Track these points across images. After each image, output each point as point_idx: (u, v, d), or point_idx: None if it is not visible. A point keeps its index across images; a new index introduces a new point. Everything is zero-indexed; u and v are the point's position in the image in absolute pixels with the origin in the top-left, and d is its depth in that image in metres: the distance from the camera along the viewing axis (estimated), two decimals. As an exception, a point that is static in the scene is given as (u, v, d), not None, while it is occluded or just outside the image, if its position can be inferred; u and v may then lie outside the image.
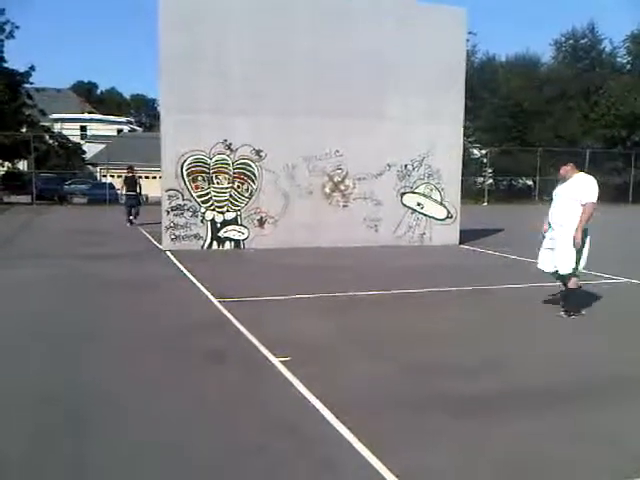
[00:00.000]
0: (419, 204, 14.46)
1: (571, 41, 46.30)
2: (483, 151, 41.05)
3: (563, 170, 7.11)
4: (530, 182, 39.69)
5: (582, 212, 6.72)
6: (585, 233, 6.83)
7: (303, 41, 13.20)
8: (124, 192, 20.05)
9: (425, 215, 14.50)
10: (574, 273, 6.93)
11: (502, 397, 4.50)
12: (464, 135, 15.88)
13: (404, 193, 14.32)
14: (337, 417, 3.99)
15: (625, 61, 45.80)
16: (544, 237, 7.22)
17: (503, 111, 41.41)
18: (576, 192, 6.84)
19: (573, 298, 7.13)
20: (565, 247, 6.83)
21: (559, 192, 7.12)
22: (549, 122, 40.91)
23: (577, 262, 6.84)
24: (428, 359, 5.39)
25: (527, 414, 4.18)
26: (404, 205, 14.34)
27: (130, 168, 20.20)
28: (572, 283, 7.02)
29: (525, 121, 41.71)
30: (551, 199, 7.33)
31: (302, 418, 4.07)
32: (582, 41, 45.95)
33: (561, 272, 6.96)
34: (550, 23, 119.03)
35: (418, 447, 3.67)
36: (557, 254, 6.93)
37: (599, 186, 6.94)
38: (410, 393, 4.56)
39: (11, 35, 32.39)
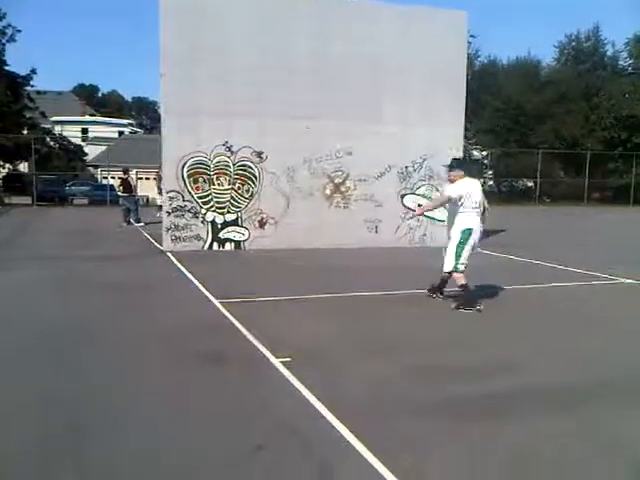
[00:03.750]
0: (420, 205, 14.41)
1: (574, 43, 46.28)
2: (484, 153, 40.99)
3: (453, 176, 7.57)
4: (531, 183, 39.64)
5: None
6: (467, 234, 7.28)
7: (304, 44, 13.20)
8: (121, 194, 20.31)
9: (425, 216, 14.46)
10: (456, 269, 7.38)
11: (507, 398, 4.47)
12: (465, 137, 15.88)
13: (405, 194, 14.31)
14: (338, 418, 3.97)
15: (626, 64, 45.78)
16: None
17: (504, 113, 41.36)
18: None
19: (466, 293, 7.43)
20: (450, 247, 7.43)
21: None
22: (550, 124, 40.88)
23: (457, 259, 7.34)
24: (430, 360, 5.37)
25: (532, 415, 4.16)
26: (405, 206, 14.33)
27: (126, 171, 20.41)
28: (458, 279, 7.42)
29: (526, 123, 41.67)
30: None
31: (303, 419, 4.05)
32: (585, 44, 45.93)
33: (444, 269, 7.54)
34: (552, 26, 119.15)
35: (421, 449, 3.64)
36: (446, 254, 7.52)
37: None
38: (412, 394, 4.54)
39: (12, 39, 32.48)
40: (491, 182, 40.32)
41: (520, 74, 43.45)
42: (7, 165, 35.88)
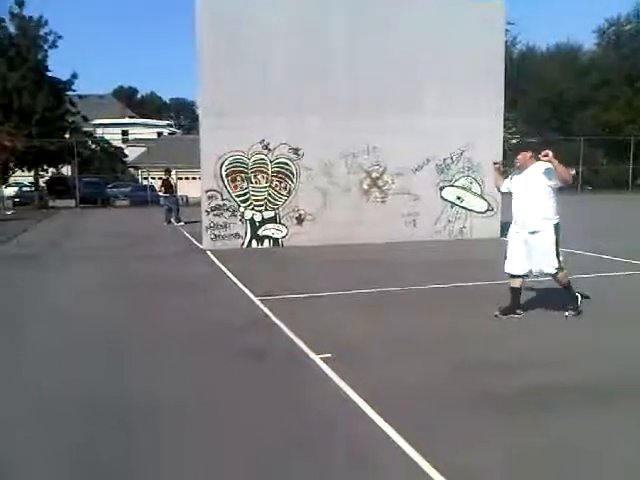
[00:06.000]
0: (459, 197, 14.28)
1: (614, 28, 45.16)
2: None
3: (522, 157, 6.45)
4: (573, 172, 38.86)
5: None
6: (557, 228, 6.31)
7: (340, 37, 13.18)
8: (162, 194, 20.75)
9: (465, 208, 14.32)
10: (561, 268, 6.38)
11: (548, 393, 4.40)
12: (504, 126, 15.61)
13: (443, 187, 14.17)
14: (380, 415, 3.95)
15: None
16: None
17: (544, 101, 40.60)
18: (542, 178, 6.26)
19: (572, 293, 6.57)
20: (546, 242, 6.28)
21: (519, 186, 6.49)
22: (592, 111, 39.96)
23: (558, 256, 6.31)
24: (473, 355, 5.30)
25: (578, 409, 4.08)
26: (443, 199, 14.19)
27: (167, 171, 20.80)
28: (563, 277, 6.49)
29: (567, 111, 40.84)
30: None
31: (344, 415, 4.04)
32: (626, 27, 44.78)
33: (547, 271, 6.40)
34: (591, 12, 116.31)
35: (465, 445, 3.59)
36: (538, 256, 6.34)
37: None
38: (455, 390, 4.48)
39: (54, 45, 33.19)
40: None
41: (560, 61, 42.61)
42: (51, 169, 36.74)
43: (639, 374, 4.80)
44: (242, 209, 13.13)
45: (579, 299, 6.60)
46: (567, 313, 6.54)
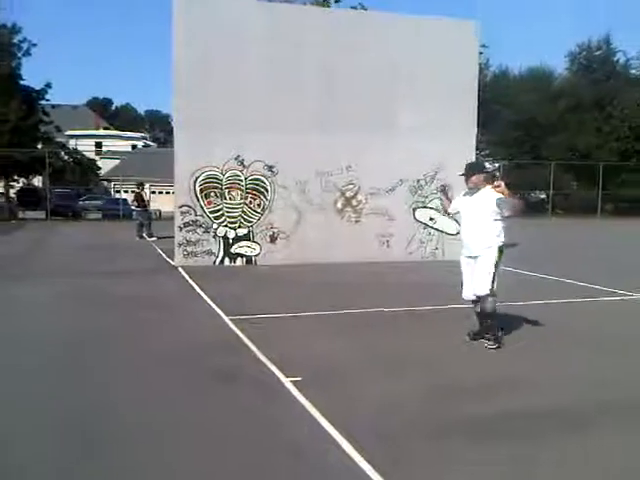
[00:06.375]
0: (431, 219, 14.38)
1: (585, 53, 46.24)
2: (496, 165, 40.89)
3: (476, 179, 6.37)
4: (543, 195, 39.48)
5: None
6: (501, 250, 6.25)
7: (315, 56, 13.28)
8: (134, 208, 20.65)
9: (437, 230, 14.42)
10: (492, 293, 6.25)
11: (521, 419, 4.40)
12: (477, 149, 15.80)
13: (416, 208, 14.26)
14: (348, 441, 3.92)
15: (639, 72, 45.60)
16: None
17: (516, 124, 41.29)
18: (492, 206, 6.18)
19: (495, 323, 6.42)
20: (485, 267, 6.21)
21: (468, 209, 6.46)
22: (563, 135, 40.74)
23: (493, 281, 6.22)
24: (441, 379, 5.31)
25: (544, 437, 4.09)
26: (416, 220, 14.28)
27: (140, 184, 20.73)
28: (491, 304, 6.30)
29: (538, 134, 41.56)
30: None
31: (312, 441, 4.01)
32: (597, 53, 45.87)
33: (479, 293, 6.30)
34: (564, 36, 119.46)
35: (437, 475, 3.58)
36: (476, 276, 6.29)
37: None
38: (424, 415, 4.48)
39: (28, 53, 32.86)
40: (503, 194, 39.99)
41: (532, 84, 43.42)
42: (21, 179, 36.17)
43: (613, 400, 4.83)
44: (215, 226, 13.05)
45: (500, 330, 6.50)
46: (487, 344, 6.37)
